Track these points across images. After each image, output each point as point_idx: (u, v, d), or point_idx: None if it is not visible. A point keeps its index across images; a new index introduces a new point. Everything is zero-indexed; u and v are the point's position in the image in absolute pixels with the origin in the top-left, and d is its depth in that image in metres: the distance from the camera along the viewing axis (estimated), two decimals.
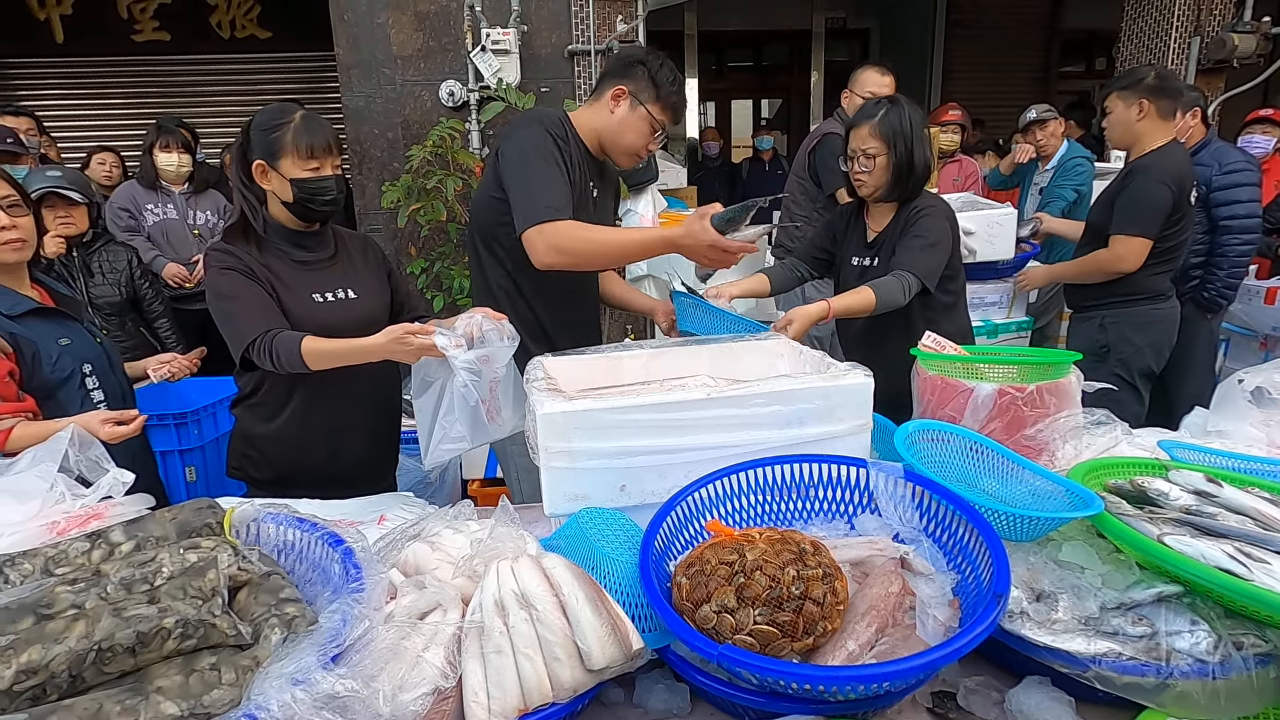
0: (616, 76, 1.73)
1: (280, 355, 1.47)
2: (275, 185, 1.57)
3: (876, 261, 2.03)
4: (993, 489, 1.24)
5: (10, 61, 5.71)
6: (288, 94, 5.56)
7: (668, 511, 1.09)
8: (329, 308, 1.64)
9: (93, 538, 0.98)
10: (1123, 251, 2.44)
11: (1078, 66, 8.47)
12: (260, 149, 1.55)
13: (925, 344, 1.53)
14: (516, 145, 1.68)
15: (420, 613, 0.92)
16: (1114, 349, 2.60)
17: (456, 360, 1.40)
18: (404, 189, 3.60)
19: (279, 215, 1.62)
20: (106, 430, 1.44)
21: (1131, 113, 2.44)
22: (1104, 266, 2.52)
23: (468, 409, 1.49)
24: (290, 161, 1.54)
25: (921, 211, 1.95)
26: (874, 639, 0.93)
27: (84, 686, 0.77)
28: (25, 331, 1.57)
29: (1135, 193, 2.41)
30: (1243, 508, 1.06)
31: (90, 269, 2.72)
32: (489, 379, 1.49)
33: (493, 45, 3.84)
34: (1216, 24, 4.34)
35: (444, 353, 1.39)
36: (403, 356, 1.45)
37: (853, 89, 2.97)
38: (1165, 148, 2.43)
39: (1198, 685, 0.88)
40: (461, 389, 1.43)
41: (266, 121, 1.56)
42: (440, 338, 1.40)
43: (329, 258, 1.69)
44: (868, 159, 1.93)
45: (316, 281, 1.65)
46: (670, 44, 7.28)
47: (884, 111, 1.92)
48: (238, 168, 1.60)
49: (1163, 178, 2.37)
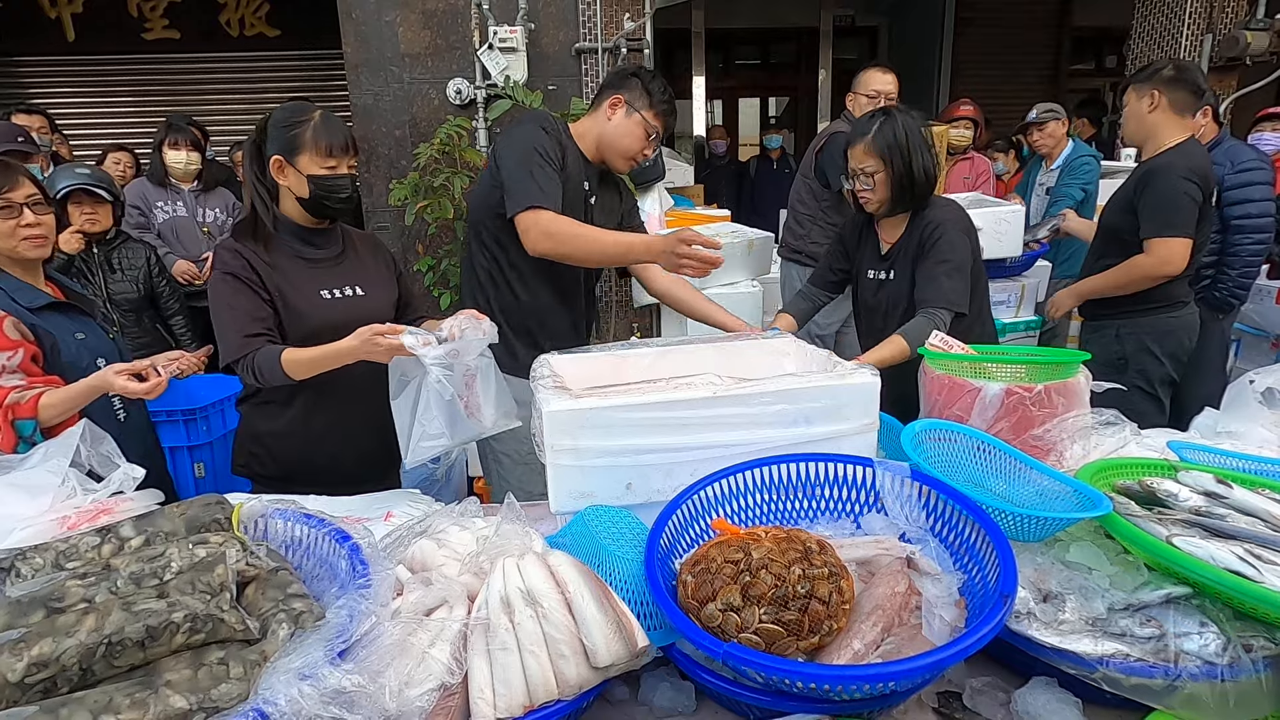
0: (613, 88, 1.89)
1: (263, 371, 1.52)
2: (292, 181, 1.59)
3: (893, 275, 1.99)
4: (1000, 489, 1.23)
5: (22, 59, 5.76)
6: (296, 92, 5.58)
7: (673, 509, 1.09)
8: (337, 305, 1.65)
9: (103, 532, 0.99)
10: (1165, 254, 2.28)
11: (1088, 64, 8.41)
12: (279, 144, 1.57)
13: (933, 343, 1.53)
14: (514, 138, 1.81)
15: (427, 609, 0.93)
16: (1132, 360, 2.48)
17: (426, 357, 1.42)
18: (411, 187, 3.61)
19: (291, 211, 1.64)
20: (120, 382, 1.43)
21: (1143, 104, 2.33)
22: (1148, 273, 2.33)
23: (444, 405, 1.50)
24: (309, 158, 1.56)
25: (937, 228, 1.89)
26: (880, 638, 0.93)
27: (94, 680, 0.77)
28: (44, 324, 1.62)
29: (1164, 192, 2.27)
30: (1253, 509, 1.05)
31: (112, 265, 2.76)
32: (463, 373, 1.51)
33: (500, 43, 3.84)
34: (1229, 21, 4.30)
35: (412, 351, 1.41)
36: (376, 357, 1.47)
37: (856, 90, 2.95)
38: (1183, 145, 2.31)
39: (1206, 687, 0.87)
40: (435, 385, 1.45)
41: (286, 118, 1.58)
42: (408, 337, 1.42)
43: (337, 255, 1.72)
44: (867, 177, 1.90)
45: (325, 279, 1.67)
46: (677, 42, 7.28)
47: (877, 126, 1.88)
48: (252, 162, 1.62)
49: (1188, 175, 2.25)
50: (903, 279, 1.95)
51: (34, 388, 1.48)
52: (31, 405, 1.44)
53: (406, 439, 1.53)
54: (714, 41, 7.38)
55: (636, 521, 1.12)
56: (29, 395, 1.45)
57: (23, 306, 1.59)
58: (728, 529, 1.03)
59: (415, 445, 1.52)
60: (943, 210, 1.94)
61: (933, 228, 1.90)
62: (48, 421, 1.46)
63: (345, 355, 1.49)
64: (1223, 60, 4.30)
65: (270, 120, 1.60)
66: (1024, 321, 3.02)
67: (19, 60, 5.76)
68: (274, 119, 1.59)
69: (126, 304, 2.78)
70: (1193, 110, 2.35)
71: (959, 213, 1.97)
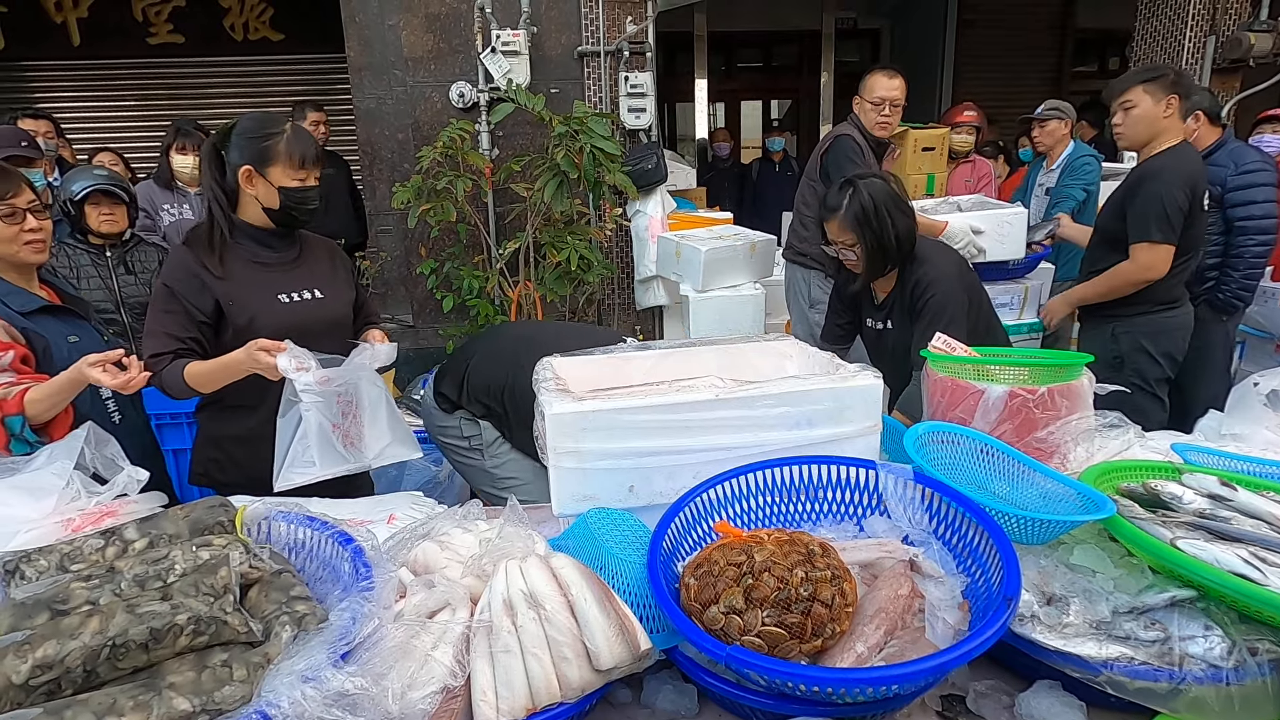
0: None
1: (168, 386, 1.55)
2: (261, 191, 1.60)
3: (890, 324, 2.06)
4: (1003, 492, 1.23)
5: (27, 64, 5.79)
6: (299, 95, 5.59)
7: (676, 512, 1.09)
8: (295, 308, 1.66)
9: (107, 535, 0.99)
10: (1148, 260, 2.35)
11: (1091, 66, 8.39)
12: (249, 154, 1.58)
13: (935, 345, 1.53)
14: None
15: (429, 611, 0.93)
16: (1127, 359, 2.52)
17: (297, 382, 1.40)
18: (414, 190, 3.62)
19: (252, 217, 1.64)
20: (93, 374, 1.41)
21: (1160, 108, 2.33)
22: (1130, 278, 2.41)
23: (318, 433, 1.46)
24: (281, 169, 1.58)
25: (926, 289, 1.92)
26: (883, 641, 0.93)
27: (98, 682, 0.78)
28: (36, 328, 1.62)
29: (1151, 198, 2.32)
30: (1257, 512, 1.05)
31: (129, 267, 2.77)
32: (342, 402, 1.48)
33: (503, 47, 3.85)
34: (1232, 23, 4.29)
35: (285, 374, 1.40)
36: (263, 371, 1.46)
37: (862, 95, 2.94)
38: (1176, 149, 2.36)
39: (1211, 691, 0.87)
40: (305, 411, 1.42)
41: (257, 129, 1.59)
42: (283, 358, 1.40)
43: (294, 259, 1.72)
44: (848, 248, 1.96)
45: (282, 282, 1.67)
46: (680, 45, 7.29)
47: (846, 200, 1.93)
48: (211, 167, 1.62)
49: (1176, 180, 2.29)
50: (902, 329, 2.00)
51: (20, 384, 1.48)
52: (17, 401, 1.44)
53: (281, 460, 1.48)
54: (716, 44, 7.38)
55: (639, 524, 1.12)
56: (15, 391, 1.45)
57: (14, 311, 1.60)
58: (730, 531, 1.03)
59: (284, 471, 1.47)
60: (929, 266, 1.96)
61: (922, 288, 1.93)
62: (36, 417, 1.46)
63: (234, 368, 1.50)
64: (1226, 62, 4.29)
65: (237, 130, 1.60)
66: (1027, 324, 3.01)
67: (25, 64, 5.79)
68: (242, 129, 1.60)
69: (139, 307, 2.79)
70: (1187, 114, 2.44)
71: (945, 260, 2.00)
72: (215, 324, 1.61)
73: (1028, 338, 2.99)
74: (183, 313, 1.57)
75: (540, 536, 1.08)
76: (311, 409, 1.43)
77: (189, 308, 1.57)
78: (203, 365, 1.54)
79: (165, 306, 1.58)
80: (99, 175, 2.66)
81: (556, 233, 3.66)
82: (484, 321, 3.85)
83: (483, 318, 3.84)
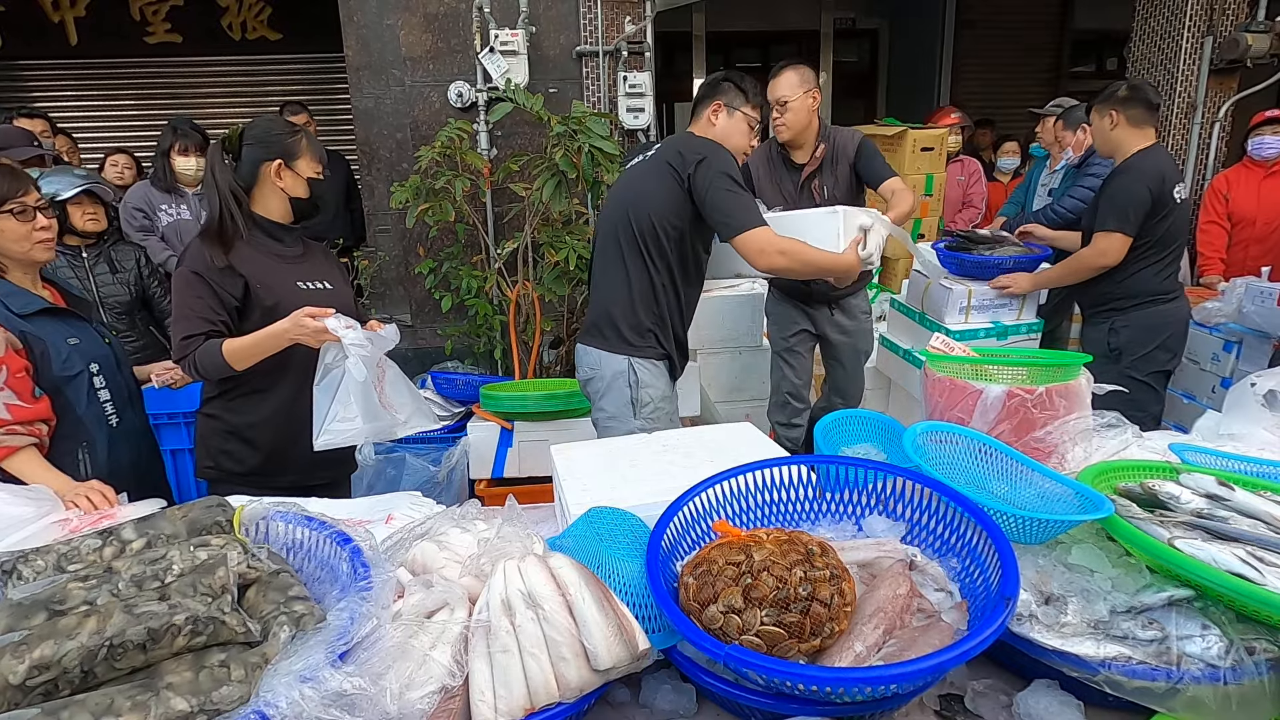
0: (709, 98, 2.06)
1: (204, 365, 1.61)
2: (288, 183, 1.73)
3: None
4: (1001, 491, 1.23)
5: (24, 63, 5.78)
6: (297, 95, 5.59)
7: (675, 512, 1.09)
8: (313, 295, 1.74)
9: (104, 535, 0.99)
10: (1104, 246, 2.56)
11: (1088, 67, 8.40)
12: (277, 150, 1.71)
13: (934, 345, 1.53)
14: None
15: (428, 611, 0.93)
16: (1125, 351, 2.64)
17: (345, 338, 1.51)
18: (412, 189, 3.61)
19: (270, 212, 1.74)
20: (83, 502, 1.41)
21: (1105, 124, 2.61)
22: (1086, 263, 2.63)
23: (360, 394, 1.56)
24: (306, 162, 1.75)
25: None
26: (881, 641, 0.93)
27: (95, 682, 0.77)
28: (35, 330, 1.61)
29: (1114, 191, 2.56)
30: (1255, 511, 1.05)
31: (113, 265, 2.77)
32: (376, 363, 1.60)
33: (501, 46, 3.85)
34: (1229, 24, 4.30)
35: (334, 333, 1.52)
36: (304, 338, 1.57)
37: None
38: (1147, 151, 2.56)
39: (1209, 690, 0.87)
40: (352, 367, 1.52)
41: (279, 128, 1.75)
42: (332, 320, 1.54)
43: (300, 255, 1.81)
44: None
45: (297, 273, 1.77)
46: (678, 45, 7.29)
47: None
48: (222, 168, 1.68)
49: (1140, 177, 2.50)
50: None
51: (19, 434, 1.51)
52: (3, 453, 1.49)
53: (321, 421, 1.57)
54: (715, 44, 7.37)
55: (638, 523, 1.12)
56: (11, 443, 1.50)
57: (14, 313, 1.59)
58: (729, 531, 1.03)
59: (327, 426, 1.56)
60: None
61: None
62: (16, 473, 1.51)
63: (279, 336, 1.58)
64: (1223, 63, 4.29)
65: (255, 132, 1.71)
66: (1025, 324, 3.01)
67: (22, 63, 5.77)
68: (264, 129, 1.72)
69: (119, 306, 2.78)
70: (1151, 122, 2.60)
71: None
72: (243, 306, 1.68)
73: (1026, 338, 2.99)
74: (213, 296, 1.63)
75: (538, 536, 1.08)
76: (360, 363, 1.52)
77: (220, 291, 1.64)
78: (240, 340, 1.61)
79: (195, 292, 1.63)
80: (79, 175, 2.66)
81: (555, 232, 3.66)
82: (483, 321, 3.85)
83: (481, 318, 3.83)
